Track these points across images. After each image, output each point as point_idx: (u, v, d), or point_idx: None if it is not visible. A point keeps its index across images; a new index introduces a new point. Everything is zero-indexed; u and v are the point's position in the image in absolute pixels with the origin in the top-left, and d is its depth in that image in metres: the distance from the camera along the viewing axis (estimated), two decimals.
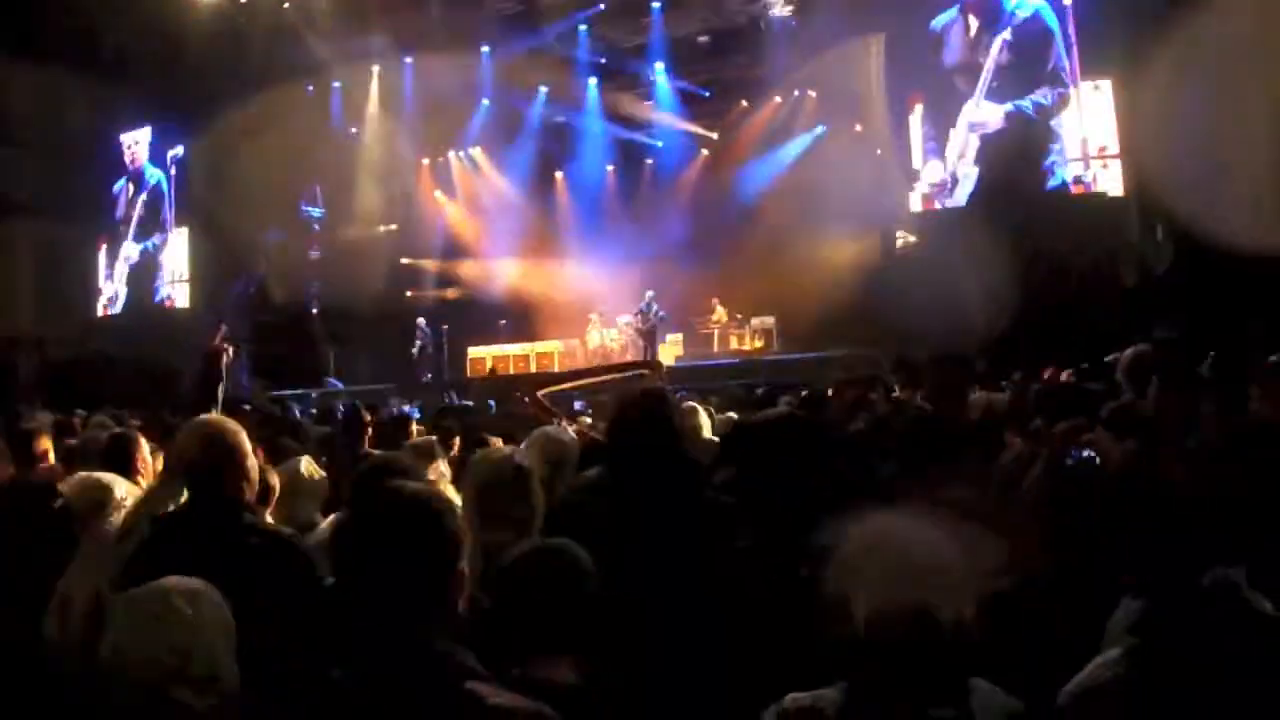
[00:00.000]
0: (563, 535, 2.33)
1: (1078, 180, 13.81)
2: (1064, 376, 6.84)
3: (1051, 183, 13.88)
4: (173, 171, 20.95)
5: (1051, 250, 12.21)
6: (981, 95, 14.21)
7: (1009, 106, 14.03)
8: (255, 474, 2.94)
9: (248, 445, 2.90)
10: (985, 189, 14.15)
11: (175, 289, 21.26)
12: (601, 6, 18.01)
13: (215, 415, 3.05)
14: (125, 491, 3.31)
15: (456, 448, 5.16)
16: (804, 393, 6.55)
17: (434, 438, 4.68)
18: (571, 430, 4.50)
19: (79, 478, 3.42)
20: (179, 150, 20.66)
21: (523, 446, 3.59)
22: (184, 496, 2.93)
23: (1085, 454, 2.96)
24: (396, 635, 1.75)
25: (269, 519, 3.14)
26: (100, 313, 21.92)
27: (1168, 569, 1.98)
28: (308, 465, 3.96)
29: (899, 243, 15.34)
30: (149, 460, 4.03)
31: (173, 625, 1.98)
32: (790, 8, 17.11)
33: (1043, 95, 13.80)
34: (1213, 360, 4.44)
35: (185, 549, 2.57)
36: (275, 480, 3.56)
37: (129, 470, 3.77)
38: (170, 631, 1.97)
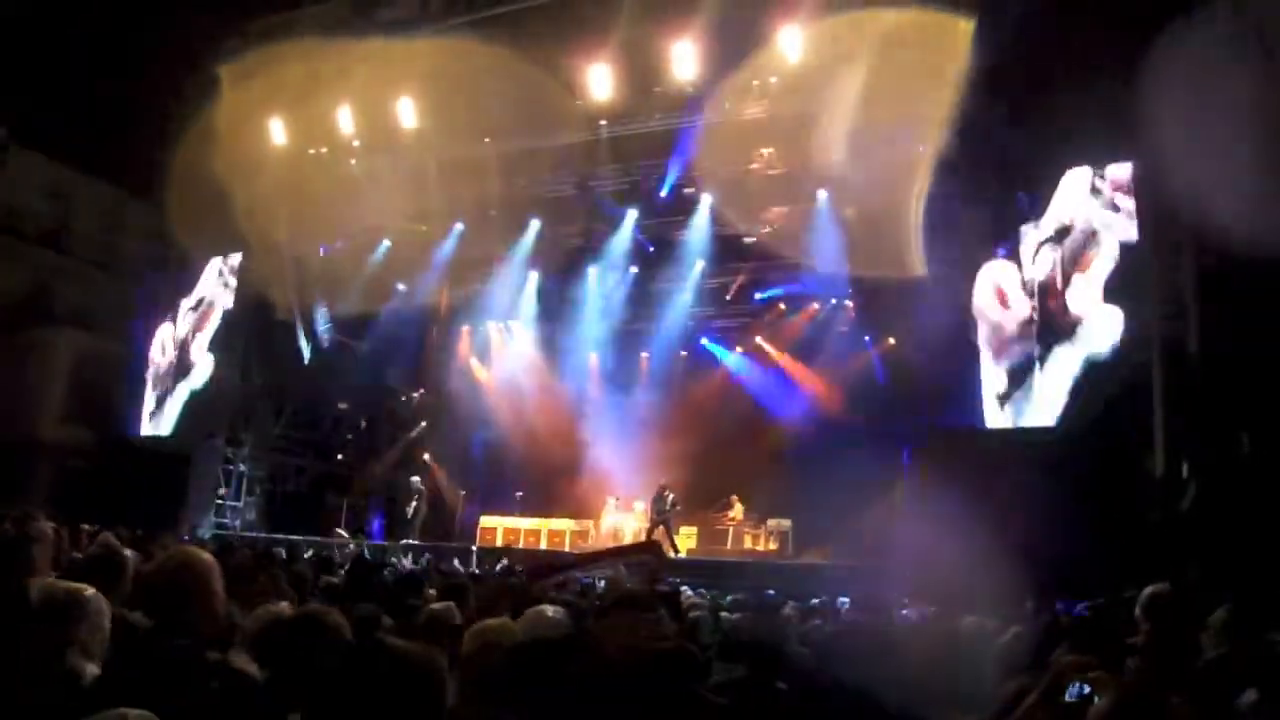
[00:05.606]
0: None
1: None
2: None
3: None
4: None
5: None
6: None
7: None
8: (222, 611, 2.90)
9: (218, 583, 2.86)
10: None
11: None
12: (652, 198, 18.44)
13: (190, 548, 3.02)
14: (103, 606, 3.26)
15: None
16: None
17: (451, 603, 4.56)
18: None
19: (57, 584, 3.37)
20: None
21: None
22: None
23: (1085, 690, 2.84)
24: None
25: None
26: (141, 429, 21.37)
27: None
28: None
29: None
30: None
31: None
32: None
33: None
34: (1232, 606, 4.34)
35: (144, 681, 2.50)
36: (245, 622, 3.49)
37: (112, 590, 3.71)
38: None
